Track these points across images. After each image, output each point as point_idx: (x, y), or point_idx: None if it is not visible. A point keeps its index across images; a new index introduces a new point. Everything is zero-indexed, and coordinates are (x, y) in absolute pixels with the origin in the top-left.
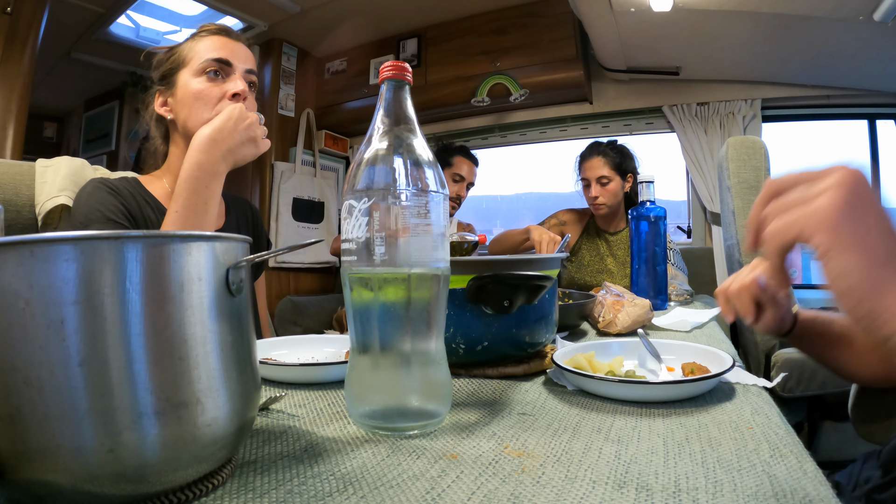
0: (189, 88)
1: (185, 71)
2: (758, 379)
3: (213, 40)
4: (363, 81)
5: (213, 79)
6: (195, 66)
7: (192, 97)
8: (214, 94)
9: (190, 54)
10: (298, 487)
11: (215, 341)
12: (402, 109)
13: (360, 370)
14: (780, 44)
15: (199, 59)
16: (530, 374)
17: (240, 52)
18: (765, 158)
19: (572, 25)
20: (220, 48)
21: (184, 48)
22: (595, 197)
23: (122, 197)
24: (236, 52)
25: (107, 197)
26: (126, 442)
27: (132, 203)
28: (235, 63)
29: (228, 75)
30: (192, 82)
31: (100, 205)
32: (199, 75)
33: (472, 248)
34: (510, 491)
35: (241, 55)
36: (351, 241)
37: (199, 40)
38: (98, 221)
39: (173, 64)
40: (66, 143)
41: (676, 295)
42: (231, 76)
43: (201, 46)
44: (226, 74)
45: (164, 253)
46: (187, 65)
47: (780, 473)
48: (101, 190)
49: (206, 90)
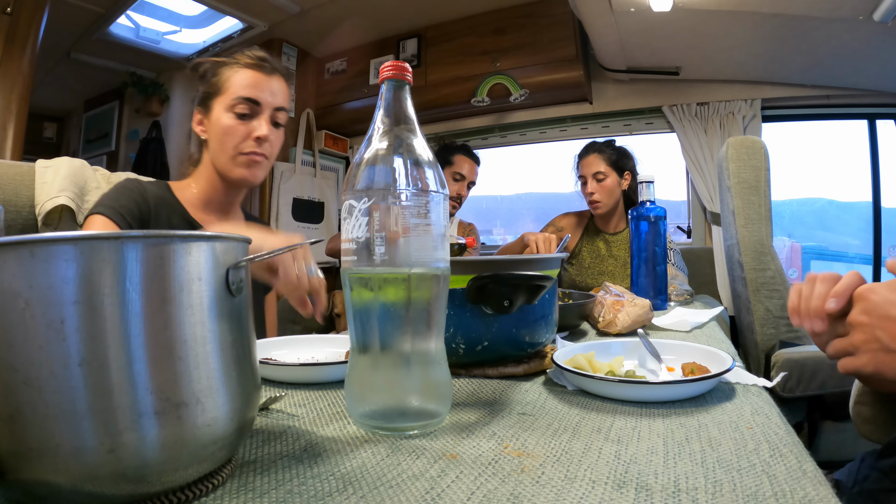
0: (220, 122)
1: (219, 101)
2: (758, 379)
3: (248, 75)
4: (363, 81)
5: (241, 116)
6: (227, 100)
7: (221, 131)
8: (240, 132)
9: (226, 84)
10: (298, 487)
11: (215, 341)
12: (402, 109)
13: (360, 370)
14: (780, 44)
15: (231, 94)
16: (530, 374)
17: (271, 87)
18: (765, 158)
19: (572, 25)
20: (251, 85)
21: (223, 74)
22: (591, 193)
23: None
24: (268, 88)
25: (127, 194)
26: (126, 442)
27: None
28: (265, 102)
29: (256, 115)
30: (223, 117)
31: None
32: (229, 111)
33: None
34: (510, 491)
35: (273, 90)
36: (351, 241)
37: (237, 71)
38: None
39: (212, 88)
40: (66, 144)
41: (676, 295)
42: (259, 116)
43: (236, 80)
44: (254, 114)
45: (164, 253)
46: (222, 94)
47: (780, 473)
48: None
49: (232, 128)
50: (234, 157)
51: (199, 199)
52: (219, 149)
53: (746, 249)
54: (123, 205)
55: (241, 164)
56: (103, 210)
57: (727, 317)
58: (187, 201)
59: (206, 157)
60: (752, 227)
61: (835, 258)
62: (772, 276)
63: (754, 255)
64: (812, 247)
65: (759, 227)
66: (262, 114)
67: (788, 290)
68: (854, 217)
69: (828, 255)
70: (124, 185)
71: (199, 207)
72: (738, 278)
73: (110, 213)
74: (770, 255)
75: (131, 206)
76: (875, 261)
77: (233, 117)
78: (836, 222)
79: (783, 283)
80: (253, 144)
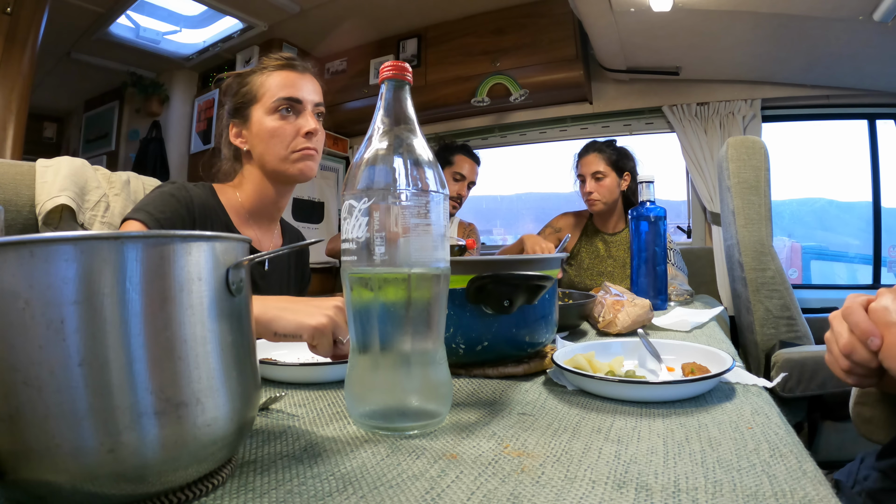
0: (264, 126)
1: (257, 107)
2: (758, 379)
3: (283, 76)
4: (363, 81)
5: (285, 116)
6: (268, 103)
7: (267, 134)
8: (289, 131)
9: (261, 90)
10: (298, 487)
11: (215, 341)
12: (402, 109)
13: (360, 370)
14: (780, 44)
15: (270, 97)
16: (530, 374)
17: (308, 85)
18: (765, 158)
19: (572, 25)
20: (289, 85)
21: (255, 82)
22: (590, 192)
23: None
24: (305, 86)
25: (172, 202)
26: (126, 442)
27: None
28: (306, 99)
29: (300, 112)
30: (266, 120)
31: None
32: (272, 113)
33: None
34: (510, 491)
35: (310, 88)
36: (351, 241)
37: (269, 75)
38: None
39: (245, 98)
40: (66, 143)
41: (676, 295)
42: (303, 113)
43: (272, 83)
44: (297, 112)
45: (164, 253)
46: (259, 101)
47: (780, 473)
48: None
49: (280, 128)
50: (287, 156)
51: (245, 208)
52: (268, 152)
53: (746, 249)
54: (167, 216)
55: (296, 161)
56: (143, 217)
57: (727, 317)
58: (231, 208)
59: (249, 167)
60: (752, 227)
61: (835, 258)
62: (772, 276)
63: (754, 255)
64: (812, 247)
65: (759, 227)
66: (305, 110)
67: (788, 290)
68: (854, 217)
69: (828, 255)
70: (170, 192)
71: (243, 216)
72: (738, 278)
73: (149, 221)
74: (770, 255)
75: (174, 218)
76: (875, 261)
77: (277, 118)
78: (836, 222)
79: (783, 283)
80: (304, 140)
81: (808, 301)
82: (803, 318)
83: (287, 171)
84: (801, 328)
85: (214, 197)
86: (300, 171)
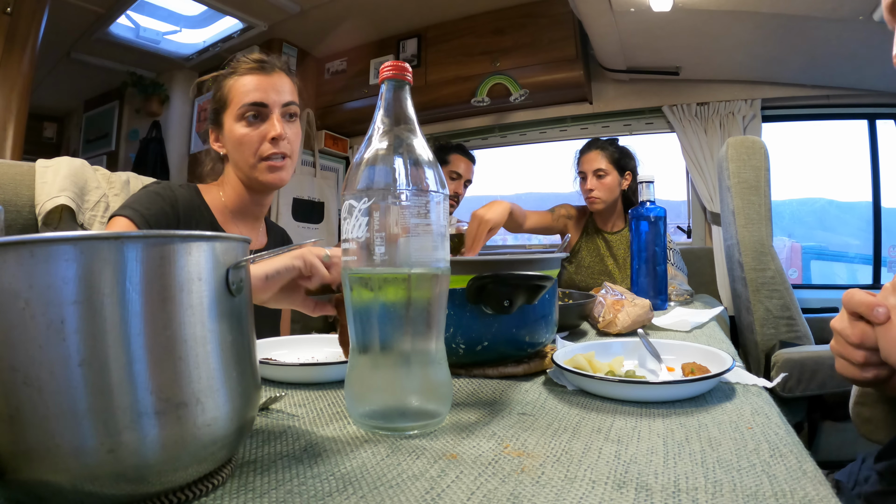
0: (234, 133)
1: (228, 113)
2: (758, 379)
3: (248, 81)
4: (363, 81)
5: (251, 123)
6: (234, 110)
7: (236, 142)
8: (254, 138)
9: (230, 95)
10: (298, 487)
11: (215, 341)
12: (402, 109)
13: (360, 370)
14: (780, 44)
15: (237, 104)
16: (530, 374)
17: (274, 86)
18: (765, 158)
19: (572, 25)
20: (254, 89)
21: (225, 86)
22: (590, 190)
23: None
24: (271, 88)
25: (158, 200)
26: (126, 442)
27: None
28: (271, 102)
29: (266, 117)
30: (235, 128)
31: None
32: (240, 120)
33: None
34: (510, 491)
35: (276, 88)
36: (351, 241)
37: (237, 79)
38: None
39: (219, 103)
40: (66, 143)
41: (676, 295)
42: (269, 118)
43: (238, 88)
44: (263, 117)
45: (164, 253)
46: (229, 107)
47: (780, 473)
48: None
49: (246, 136)
50: (255, 164)
51: (228, 208)
52: (239, 159)
53: (746, 249)
54: (153, 213)
55: (264, 170)
56: (130, 214)
57: (727, 317)
58: (216, 208)
59: (230, 169)
60: (752, 227)
61: (835, 258)
62: (772, 276)
63: (754, 255)
64: (812, 247)
65: (759, 227)
66: (271, 114)
67: (788, 290)
68: (854, 217)
69: (828, 255)
70: (156, 190)
71: (228, 216)
72: (738, 278)
73: (136, 218)
74: (770, 255)
75: (160, 216)
76: (875, 261)
77: (244, 125)
78: (836, 222)
79: (783, 283)
80: (269, 147)
81: (808, 301)
82: (803, 318)
83: (258, 178)
84: (801, 328)
85: (199, 197)
86: (267, 181)
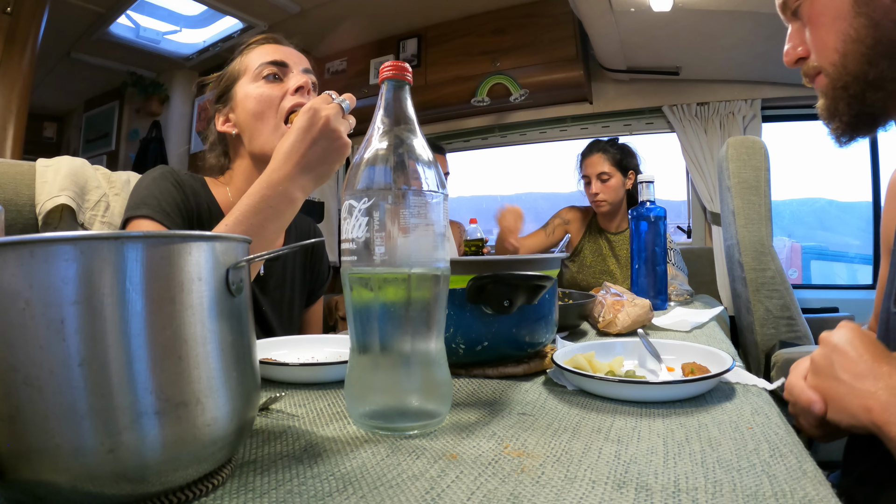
0: (249, 95)
1: (241, 82)
2: (758, 380)
3: (265, 48)
4: (363, 81)
5: (271, 81)
6: (251, 73)
7: (254, 102)
8: (276, 93)
9: (243, 66)
10: (298, 487)
11: (215, 341)
12: (402, 109)
13: (360, 370)
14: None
15: (253, 67)
16: (530, 374)
17: (293, 54)
18: (765, 158)
19: (572, 25)
20: (272, 52)
21: (235, 65)
22: (596, 193)
23: (184, 193)
24: (290, 54)
25: (169, 188)
26: (126, 442)
27: (193, 201)
28: (292, 62)
29: (286, 76)
30: (251, 88)
31: (160, 193)
32: (257, 80)
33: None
34: (510, 491)
35: (295, 57)
36: (351, 241)
37: (250, 52)
38: (150, 207)
39: (229, 81)
40: (66, 143)
41: (676, 295)
42: (289, 75)
43: (253, 56)
44: (283, 75)
45: (164, 253)
46: (243, 76)
47: (780, 473)
48: (166, 179)
49: (266, 92)
50: (277, 125)
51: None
52: (258, 125)
53: (746, 249)
54: (169, 202)
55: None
56: (148, 213)
57: (727, 317)
58: (223, 203)
59: (239, 161)
60: (752, 227)
61: (835, 258)
62: (772, 276)
63: (754, 255)
64: (812, 247)
65: (759, 227)
66: (291, 72)
67: (789, 290)
68: (854, 217)
69: (828, 255)
70: (161, 176)
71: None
72: (738, 278)
73: (157, 214)
74: (770, 255)
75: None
76: (875, 261)
77: (262, 84)
78: (836, 222)
79: (783, 284)
80: (292, 99)
81: (808, 301)
82: (803, 318)
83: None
84: (801, 328)
85: (205, 188)
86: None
